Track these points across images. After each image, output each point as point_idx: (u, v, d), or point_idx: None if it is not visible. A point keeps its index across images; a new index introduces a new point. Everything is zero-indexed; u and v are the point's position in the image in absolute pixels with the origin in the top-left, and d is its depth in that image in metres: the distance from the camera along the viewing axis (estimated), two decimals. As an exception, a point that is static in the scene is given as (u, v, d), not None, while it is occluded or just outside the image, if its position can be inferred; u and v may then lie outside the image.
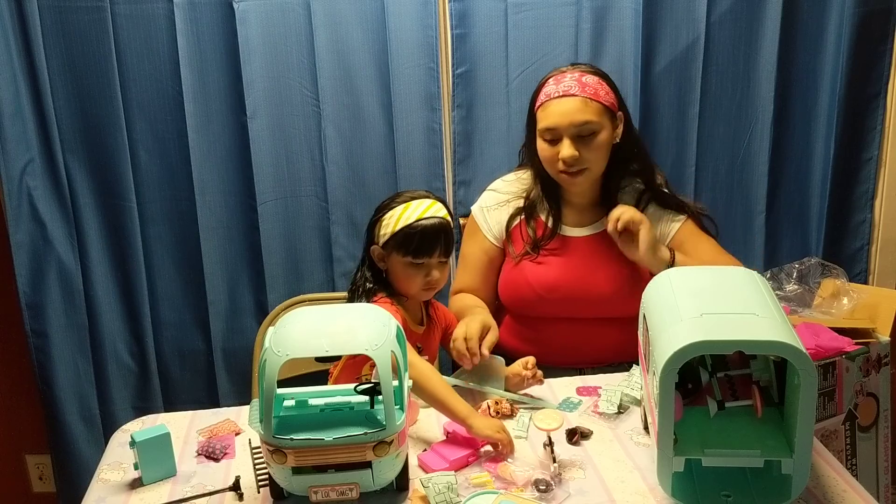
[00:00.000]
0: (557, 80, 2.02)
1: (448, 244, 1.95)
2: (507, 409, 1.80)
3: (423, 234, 1.90)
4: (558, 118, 1.99)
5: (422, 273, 1.94)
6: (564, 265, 2.13)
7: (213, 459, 1.69)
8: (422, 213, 1.91)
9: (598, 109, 2.00)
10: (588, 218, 2.16)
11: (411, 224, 1.90)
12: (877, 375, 2.26)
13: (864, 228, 2.56)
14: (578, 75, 2.02)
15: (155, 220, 2.52)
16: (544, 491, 1.50)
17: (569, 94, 1.99)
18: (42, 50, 2.32)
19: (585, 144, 2.00)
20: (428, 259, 1.92)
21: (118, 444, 1.79)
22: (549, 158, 2.05)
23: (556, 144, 2.02)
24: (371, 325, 1.48)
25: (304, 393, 1.60)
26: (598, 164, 2.06)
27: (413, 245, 1.90)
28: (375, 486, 1.48)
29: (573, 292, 2.10)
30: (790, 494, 1.40)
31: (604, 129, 2.02)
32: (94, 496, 1.60)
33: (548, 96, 2.02)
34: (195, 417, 1.88)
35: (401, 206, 1.93)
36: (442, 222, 1.94)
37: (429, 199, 1.96)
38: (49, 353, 2.53)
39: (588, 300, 2.10)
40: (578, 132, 1.99)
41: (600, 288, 2.10)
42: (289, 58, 2.42)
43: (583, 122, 1.98)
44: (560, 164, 2.02)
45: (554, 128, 2.00)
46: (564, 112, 1.99)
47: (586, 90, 1.99)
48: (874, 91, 2.46)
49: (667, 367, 1.34)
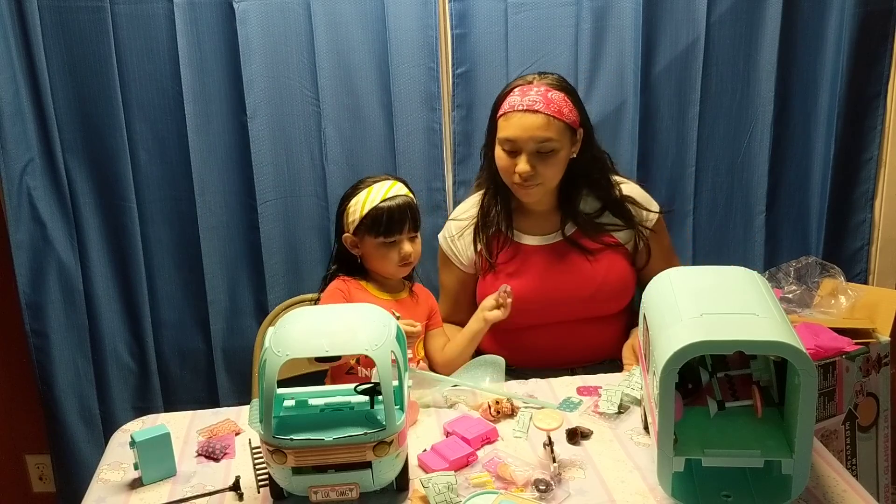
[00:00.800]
0: (523, 92, 2.01)
1: (415, 219, 2.09)
2: (508, 408, 1.80)
3: (389, 213, 2.03)
4: (519, 132, 1.99)
5: (395, 250, 2.06)
6: (530, 275, 2.14)
7: (213, 459, 1.69)
8: (385, 193, 2.03)
9: (559, 128, 2.00)
10: (548, 226, 2.17)
11: (377, 206, 2.02)
12: (877, 375, 2.26)
13: (864, 228, 2.55)
14: (545, 90, 2.01)
15: (155, 220, 2.52)
16: (544, 491, 1.50)
17: (532, 110, 1.98)
18: (42, 50, 2.32)
19: (542, 160, 2.01)
20: (399, 236, 2.05)
21: (118, 445, 1.79)
22: (505, 168, 2.06)
23: (514, 157, 2.02)
24: (371, 326, 1.48)
25: (304, 393, 1.60)
26: (552, 180, 2.07)
27: (382, 225, 2.03)
28: (375, 487, 1.47)
29: (544, 300, 2.12)
30: (790, 495, 1.40)
31: (563, 147, 2.02)
32: (94, 496, 1.60)
33: (512, 107, 2.01)
34: (195, 417, 1.88)
35: (364, 191, 2.05)
36: (406, 199, 2.07)
37: (389, 180, 2.08)
38: (49, 353, 2.53)
39: (560, 305, 2.12)
40: (537, 148, 2.00)
41: (569, 292, 2.12)
42: (289, 58, 2.42)
43: (543, 140, 1.99)
44: (516, 177, 2.03)
45: (514, 140, 2.00)
46: (526, 127, 1.98)
47: (551, 107, 1.98)
48: (874, 91, 2.46)
49: (667, 367, 1.34)
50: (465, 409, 1.83)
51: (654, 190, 2.52)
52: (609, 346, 2.19)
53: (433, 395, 1.87)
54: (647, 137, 2.50)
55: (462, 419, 1.76)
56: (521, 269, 2.16)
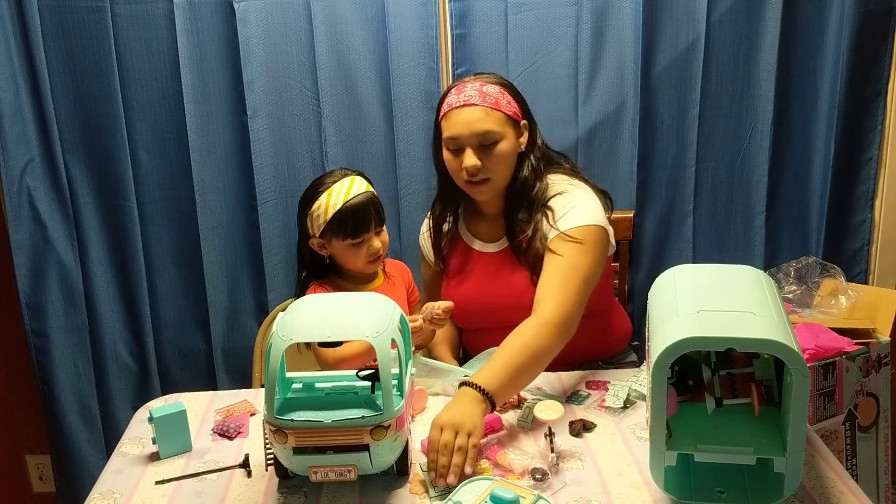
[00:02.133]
0: (459, 90, 2.01)
1: (379, 213, 2.07)
2: (515, 399, 1.82)
3: (354, 214, 2.01)
4: (460, 128, 1.98)
5: (363, 248, 2.05)
6: (480, 282, 2.13)
7: (227, 437, 1.76)
8: (346, 194, 2.01)
9: (499, 119, 1.99)
10: (496, 232, 2.13)
11: (340, 209, 2.00)
12: (877, 375, 2.26)
13: (864, 228, 2.54)
14: (479, 85, 2.00)
15: (155, 220, 2.53)
16: (540, 480, 1.52)
17: (469, 104, 1.97)
18: (42, 50, 2.33)
19: (487, 154, 1.99)
20: (366, 234, 2.04)
21: (140, 420, 1.86)
22: (454, 169, 2.04)
23: (459, 155, 2.00)
24: (374, 313, 1.52)
25: (312, 377, 1.65)
26: (500, 174, 2.03)
27: (349, 227, 2.02)
28: (375, 470, 1.51)
29: (484, 307, 2.10)
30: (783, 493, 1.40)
31: (505, 138, 2.00)
32: (113, 467, 1.68)
33: (450, 106, 2.01)
34: (215, 397, 1.97)
35: (324, 195, 2.02)
36: (367, 196, 2.05)
37: (347, 177, 2.05)
38: (49, 353, 2.54)
39: (499, 312, 2.06)
40: (480, 141, 1.98)
41: (506, 301, 2.06)
42: (289, 57, 2.42)
43: (484, 132, 1.97)
44: (464, 174, 2.01)
45: (456, 137, 1.99)
46: (465, 122, 1.97)
47: (487, 100, 1.98)
48: (874, 91, 2.45)
49: (659, 361, 1.34)
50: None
51: (654, 190, 2.53)
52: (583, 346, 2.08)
53: (442, 384, 1.91)
54: (647, 137, 2.50)
55: (468, 408, 1.77)
56: (468, 275, 2.15)
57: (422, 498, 1.51)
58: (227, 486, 1.59)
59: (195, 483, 1.60)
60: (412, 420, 1.71)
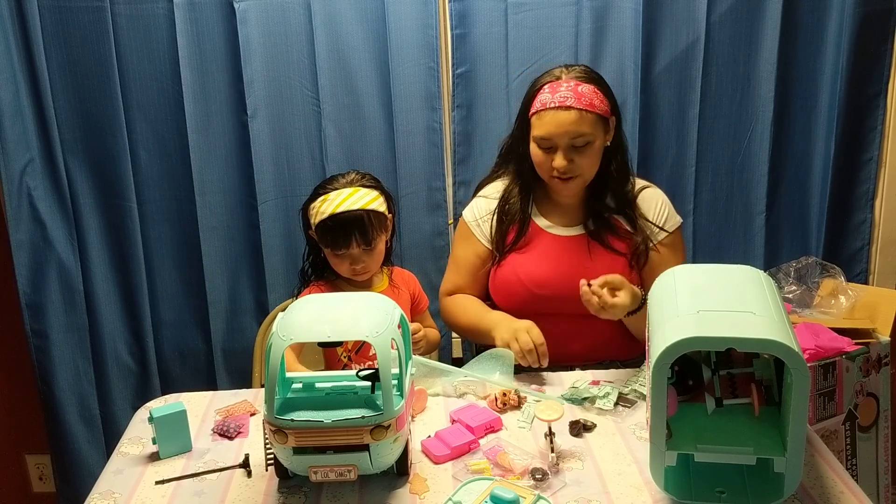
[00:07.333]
0: (553, 89, 2.02)
1: (364, 234, 2.02)
2: (514, 400, 1.82)
3: (335, 229, 2.01)
4: (554, 129, 2.00)
5: (346, 261, 2.06)
6: (553, 262, 2.13)
7: (228, 438, 1.75)
8: (335, 207, 2.00)
9: (592, 120, 2.01)
10: (575, 218, 2.16)
11: (324, 220, 2.01)
12: (877, 375, 2.26)
13: (864, 228, 2.55)
14: (574, 84, 2.01)
15: (155, 220, 2.53)
16: (540, 480, 1.52)
17: (564, 106, 1.99)
18: (42, 50, 2.33)
19: (579, 153, 2.02)
20: (346, 250, 2.03)
21: (140, 420, 1.85)
22: (541, 164, 2.07)
23: (550, 153, 2.03)
24: (374, 313, 1.52)
25: (312, 377, 1.65)
26: (590, 171, 2.08)
27: (329, 239, 2.03)
28: (375, 470, 1.50)
29: (561, 290, 2.10)
30: (783, 493, 1.40)
31: (597, 138, 2.03)
32: (113, 467, 1.67)
33: (543, 105, 2.02)
34: (215, 397, 1.96)
35: (319, 200, 2.03)
36: (355, 215, 2.01)
37: (350, 186, 2.04)
38: (49, 353, 2.54)
39: (576, 298, 2.09)
40: (572, 143, 2.01)
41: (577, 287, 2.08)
42: (289, 57, 2.42)
43: (578, 135, 1.99)
44: (554, 172, 2.04)
45: (549, 138, 2.01)
46: (560, 123, 1.99)
47: (582, 101, 1.99)
48: (874, 91, 2.46)
49: (658, 361, 1.34)
50: (473, 399, 1.86)
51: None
52: (610, 346, 2.17)
53: (443, 385, 1.90)
54: (647, 137, 2.50)
55: (468, 408, 1.78)
56: (539, 254, 2.15)
57: (422, 498, 1.51)
58: (227, 486, 1.58)
59: (195, 483, 1.59)
60: (412, 420, 1.71)
